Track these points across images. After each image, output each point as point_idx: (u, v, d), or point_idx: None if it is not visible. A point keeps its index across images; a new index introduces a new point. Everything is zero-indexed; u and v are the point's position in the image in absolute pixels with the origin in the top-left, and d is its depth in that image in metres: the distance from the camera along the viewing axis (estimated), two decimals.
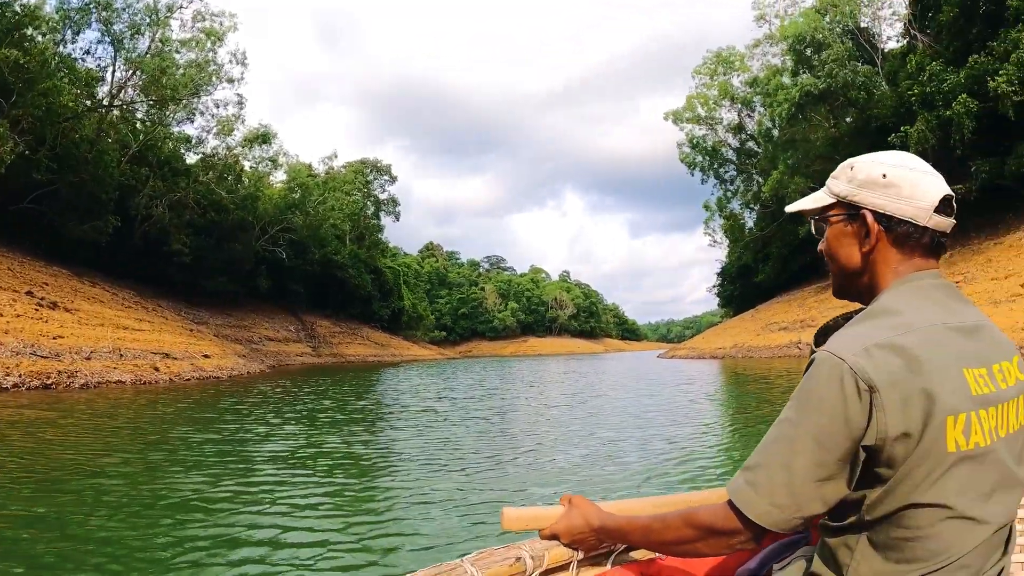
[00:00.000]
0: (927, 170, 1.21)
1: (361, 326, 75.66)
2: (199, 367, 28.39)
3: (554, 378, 29.89)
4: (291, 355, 51.24)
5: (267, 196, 58.34)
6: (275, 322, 57.66)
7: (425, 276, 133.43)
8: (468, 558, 1.40)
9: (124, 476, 7.33)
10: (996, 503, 1.13)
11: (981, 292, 27.20)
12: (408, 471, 7.81)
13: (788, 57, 48.47)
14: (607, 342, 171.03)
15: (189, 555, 4.62)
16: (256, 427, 11.68)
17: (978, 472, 1.10)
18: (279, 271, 59.27)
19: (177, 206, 44.67)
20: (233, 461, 8.31)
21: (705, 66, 61.37)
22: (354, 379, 28.67)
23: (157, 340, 29.25)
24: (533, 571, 1.46)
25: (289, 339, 56.12)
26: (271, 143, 55.06)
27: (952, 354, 1.12)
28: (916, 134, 34.05)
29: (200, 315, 45.72)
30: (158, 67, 40.42)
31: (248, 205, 53.44)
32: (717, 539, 1.21)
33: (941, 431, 1.07)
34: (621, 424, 11.98)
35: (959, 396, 1.09)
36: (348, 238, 75.21)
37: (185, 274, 46.30)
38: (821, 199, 1.31)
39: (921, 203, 1.18)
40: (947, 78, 33.22)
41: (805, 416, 1.11)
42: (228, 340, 43.70)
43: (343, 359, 59.00)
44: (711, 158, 64.07)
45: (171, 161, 46.60)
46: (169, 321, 36.17)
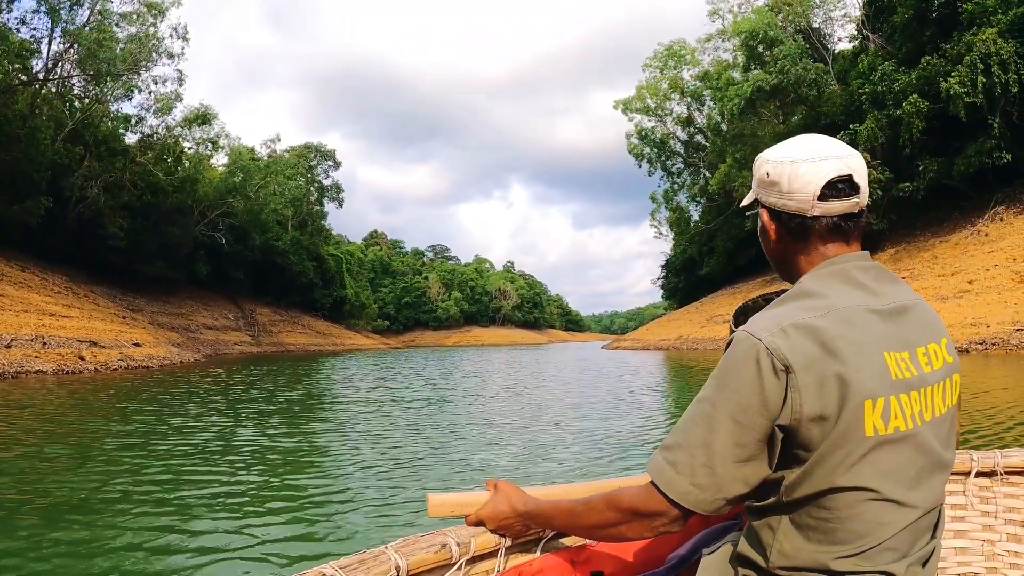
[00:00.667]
0: (812, 157, 1.17)
1: (302, 315, 73.99)
2: (128, 356, 26.97)
3: (496, 368, 29.33)
4: (229, 344, 49.59)
5: (207, 179, 56.45)
6: (214, 310, 55.81)
7: (369, 264, 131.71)
8: (392, 545, 1.36)
9: (10, 474, 6.67)
10: (923, 487, 1.12)
11: (928, 288, 27.66)
12: (332, 462, 7.55)
13: (740, 53, 48.95)
14: (551, 333, 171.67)
15: (54, 561, 4.09)
16: (173, 419, 10.98)
17: (901, 456, 1.10)
18: (218, 257, 57.44)
19: (113, 187, 42.83)
20: (137, 456, 7.69)
21: (656, 59, 61.51)
22: (290, 369, 27.59)
23: (86, 328, 27.70)
24: (459, 558, 1.42)
25: (228, 327, 54.33)
26: (211, 124, 53.05)
27: (872, 337, 1.10)
28: (865, 132, 34.53)
29: (136, 302, 43.92)
30: (95, 40, 38.31)
31: (187, 188, 51.64)
32: (640, 521, 1.20)
33: (858, 415, 1.06)
34: (559, 416, 11.57)
35: (878, 380, 1.08)
36: (290, 224, 73.31)
37: (121, 258, 44.40)
38: (750, 196, 1.32)
39: (801, 195, 1.17)
40: (898, 78, 33.77)
41: (723, 395, 1.10)
42: (164, 328, 42.00)
43: (283, 348, 57.49)
44: (659, 150, 64.37)
45: (108, 141, 44.55)
46: (101, 308, 34.41)
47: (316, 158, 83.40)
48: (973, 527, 2.07)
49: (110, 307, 36.63)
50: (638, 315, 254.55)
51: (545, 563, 1.57)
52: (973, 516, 2.07)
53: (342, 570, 1.23)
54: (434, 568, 1.41)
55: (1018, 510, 2.06)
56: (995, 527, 2.07)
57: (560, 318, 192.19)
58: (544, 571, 1.56)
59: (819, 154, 1.18)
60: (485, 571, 1.52)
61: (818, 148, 1.19)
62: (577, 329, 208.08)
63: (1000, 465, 2.04)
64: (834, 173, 1.16)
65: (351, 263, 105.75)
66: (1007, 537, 2.05)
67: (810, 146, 1.20)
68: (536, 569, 1.55)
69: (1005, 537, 2.05)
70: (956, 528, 2.06)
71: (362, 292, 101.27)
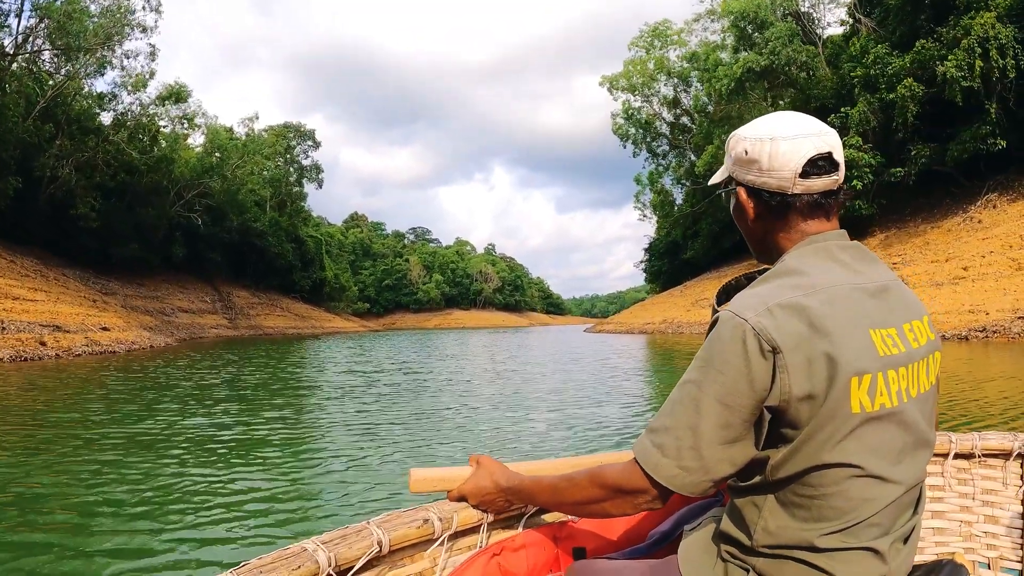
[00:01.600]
0: (791, 134, 1.17)
1: (281, 297, 72.74)
2: (94, 341, 25.88)
3: (476, 352, 28.61)
4: (205, 327, 48.40)
5: (183, 159, 55.01)
6: (190, 292, 54.55)
7: (349, 247, 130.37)
8: (374, 520, 1.37)
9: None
10: (906, 464, 1.13)
11: (921, 274, 27.28)
12: (309, 445, 7.42)
13: (729, 34, 48.23)
14: (532, 316, 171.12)
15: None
16: (127, 406, 10.34)
17: (886, 433, 1.10)
18: (195, 239, 56.18)
19: (85, 167, 41.58)
20: (73, 447, 7.09)
21: (642, 39, 60.59)
22: (265, 353, 26.71)
23: (51, 312, 26.59)
24: (442, 534, 1.45)
25: (204, 310, 53.09)
26: (186, 101, 51.59)
27: (857, 315, 1.11)
28: (857, 115, 34.07)
29: (110, 285, 42.78)
30: (65, 12, 36.79)
31: (163, 168, 50.42)
32: (623, 498, 1.21)
33: (845, 392, 1.06)
34: (541, 400, 11.07)
35: (864, 357, 1.08)
36: (268, 205, 71.92)
37: (94, 240, 43.30)
38: (722, 173, 1.31)
39: (783, 173, 1.17)
40: (892, 62, 33.23)
41: (709, 378, 1.09)
42: (138, 312, 40.86)
43: (261, 331, 56.34)
44: (644, 131, 63.55)
45: (81, 119, 43.08)
46: (70, 291, 33.21)
47: (295, 138, 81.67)
48: (951, 508, 2.11)
49: (81, 290, 35.43)
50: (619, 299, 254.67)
51: (527, 539, 1.58)
52: (951, 497, 2.11)
53: (324, 545, 1.24)
54: (417, 543, 1.42)
55: (995, 492, 2.10)
56: (972, 508, 2.10)
57: (541, 301, 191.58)
58: (526, 547, 1.57)
59: (799, 131, 1.17)
60: (467, 546, 1.53)
61: (797, 125, 1.18)
62: (558, 312, 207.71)
63: (978, 447, 2.07)
64: (815, 150, 1.16)
65: (331, 245, 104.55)
66: (984, 519, 2.09)
67: (789, 123, 1.19)
68: (518, 545, 1.56)
69: (982, 519, 2.09)
70: (934, 509, 2.10)
71: (342, 274, 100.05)
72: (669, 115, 62.30)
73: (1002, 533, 2.10)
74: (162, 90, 49.48)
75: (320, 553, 1.23)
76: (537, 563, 1.59)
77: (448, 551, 1.49)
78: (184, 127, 53.96)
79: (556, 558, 1.63)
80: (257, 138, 70.04)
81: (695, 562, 1.26)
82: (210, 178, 56.38)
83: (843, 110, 35.32)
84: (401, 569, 1.42)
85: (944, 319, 22.39)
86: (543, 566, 1.60)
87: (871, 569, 1.11)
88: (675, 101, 60.94)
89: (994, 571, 2.08)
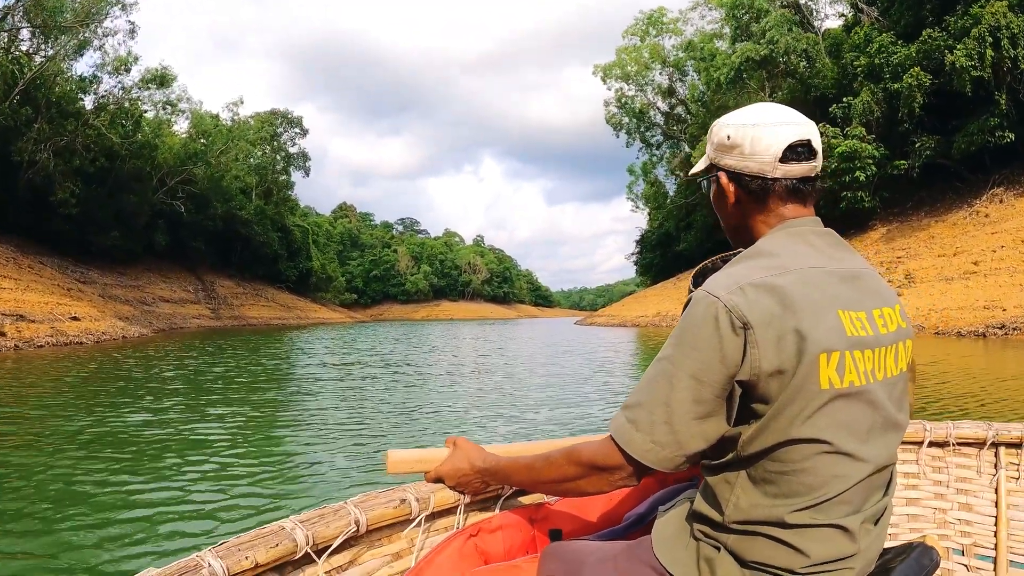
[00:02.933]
0: (772, 121, 1.23)
1: (266, 287, 71.37)
2: (61, 331, 24.57)
3: (465, 344, 27.53)
4: (187, 317, 47.05)
5: (167, 145, 53.55)
6: (172, 282, 53.17)
7: (337, 237, 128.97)
8: (352, 500, 1.40)
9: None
10: (875, 443, 1.16)
11: (928, 268, 26.49)
12: (286, 431, 7.44)
13: (726, 23, 47.30)
14: (520, 308, 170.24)
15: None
16: (77, 401, 9.60)
17: (854, 410, 1.13)
18: (178, 227, 54.80)
19: (64, 152, 40.30)
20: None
21: (637, 26, 59.49)
22: (243, 344, 25.42)
23: (16, 300, 25.33)
24: (419, 514, 1.47)
25: (186, 300, 51.72)
26: (170, 86, 50.09)
27: (827, 296, 1.14)
28: (860, 105, 33.21)
29: (89, 274, 41.56)
30: None
31: (145, 154, 49.25)
32: (599, 475, 1.24)
33: (814, 368, 1.09)
34: (534, 400, 10.23)
35: (833, 336, 1.11)
36: (254, 193, 70.42)
37: (74, 228, 42.18)
38: (703, 161, 1.36)
39: (763, 157, 1.22)
40: (897, 51, 32.30)
41: (683, 354, 1.13)
42: (117, 301, 39.56)
43: (245, 322, 54.99)
44: (638, 121, 62.51)
45: (61, 103, 41.65)
46: (44, 279, 31.90)
47: (282, 125, 79.94)
48: (925, 495, 2.15)
49: (57, 279, 34.12)
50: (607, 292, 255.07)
51: (504, 520, 1.60)
52: (925, 484, 2.15)
53: (302, 524, 1.26)
54: (394, 523, 1.45)
55: (968, 480, 2.15)
56: (946, 496, 2.15)
57: (530, 293, 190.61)
58: (503, 528, 1.59)
59: (779, 120, 1.23)
60: (444, 527, 1.56)
61: (778, 114, 1.24)
62: (547, 305, 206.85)
63: (952, 436, 2.12)
64: (794, 137, 1.21)
65: (319, 235, 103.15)
66: (958, 506, 2.14)
67: (770, 112, 1.24)
68: (495, 526, 1.58)
69: (956, 506, 2.14)
70: (908, 496, 2.14)
71: (329, 265, 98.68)
72: (664, 104, 61.28)
73: (976, 520, 2.15)
74: (145, 74, 47.98)
75: (298, 531, 1.25)
76: (514, 544, 1.61)
77: (425, 532, 1.51)
78: (168, 112, 52.49)
79: (533, 539, 1.64)
80: (242, 124, 68.51)
81: (668, 541, 1.27)
82: (194, 164, 54.96)
83: (845, 100, 34.46)
84: (378, 548, 1.44)
85: (958, 315, 21.57)
86: (519, 547, 1.62)
87: (840, 547, 1.13)
88: (670, 90, 59.87)
89: (968, 557, 2.12)
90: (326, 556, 1.31)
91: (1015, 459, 2.15)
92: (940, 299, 23.33)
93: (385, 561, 1.46)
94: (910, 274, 27.01)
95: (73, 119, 41.76)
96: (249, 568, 1.17)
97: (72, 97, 43.40)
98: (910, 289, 25.83)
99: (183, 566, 1.12)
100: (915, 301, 24.25)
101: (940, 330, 21.05)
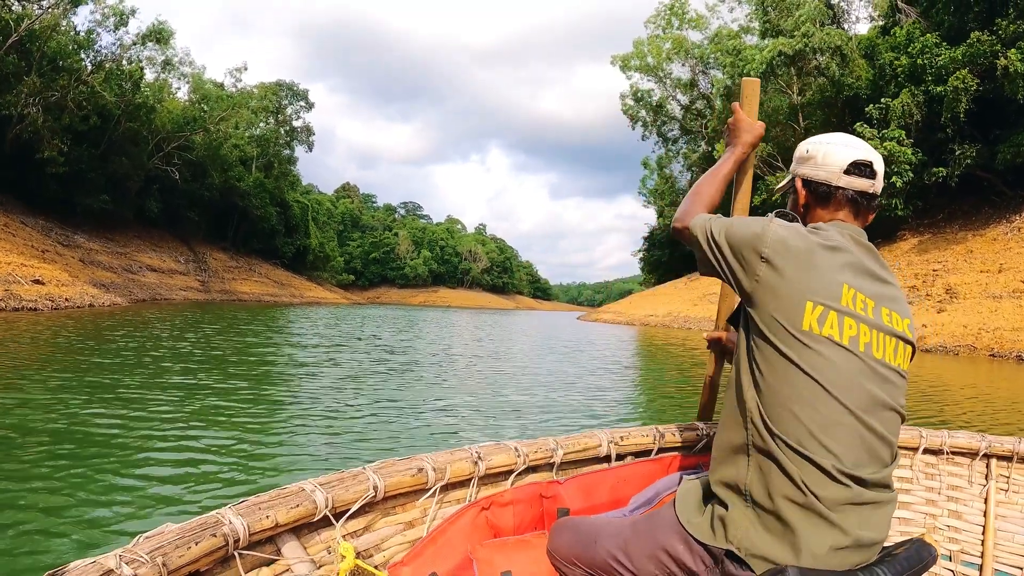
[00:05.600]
0: (843, 143, 1.55)
1: (261, 262, 69.19)
2: (15, 295, 22.26)
3: (463, 337, 25.32)
4: (174, 288, 44.84)
5: (166, 109, 51.26)
6: (162, 251, 51.04)
7: (338, 216, 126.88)
8: (371, 466, 1.45)
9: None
10: (861, 402, 1.34)
11: (972, 283, 24.47)
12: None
13: (754, 16, 45.25)
14: (519, 299, 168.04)
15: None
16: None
17: (835, 360, 1.34)
18: (173, 194, 52.83)
19: (54, 108, 38.40)
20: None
21: (659, 16, 57.23)
22: (220, 320, 23.10)
23: None
24: (435, 484, 1.53)
25: (175, 271, 49.53)
26: (167, 42, 47.80)
27: (840, 270, 1.40)
28: (900, 107, 31.05)
29: (74, 238, 39.60)
30: None
31: (142, 116, 47.16)
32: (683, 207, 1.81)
33: (800, 310, 1.36)
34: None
35: (824, 295, 1.36)
36: (255, 165, 68.18)
37: (62, 188, 40.43)
38: (787, 178, 1.70)
39: (831, 167, 1.54)
40: (941, 52, 30.20)
41: (736, 220, 1.52)
42: (100, 267, 37.49)
43: (234, 297, 52.72)
44: (655, 114, 60.31)
45: (57, 58, 39.59)
46: (17, 239, 29.89)
47: (288, 97, 77.52)
48: (917, 500, 2.24)
49: (34, 239, 32.09)
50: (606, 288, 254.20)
51: (515, 495, 1.68)
52: (918, 490, 2.24)
53: (322, 487, 1.32)
54: (409, 492, 1.51)
55: (960, 488, 2.24)
56: (937, 503, 2.24)
57: (529, 285, 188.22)
58: (514, 503, 1.67)
59: (849, 143, 1.55)
60: (456, 500, 1.62)
61: (849, 139, 1.57)
62: (545, 297, 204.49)
63: (947, 445, 2.22)
64: (859, 156, 1.53)
65: (319, 212, 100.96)
66: (948, 513, 2.23)
67: (843, 136, 1.58)
68: (507, 501, 1.66)
69: (947, 513, 2.23)
70: (901, 499, 2.21)
71: (328, 243, 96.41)
72: (684, 98, 58.98)
73: (964, 528, 2.23)
74: (142, 29, 45.86)
75: (318, 494, 1.30)
76: (524, 520, 1.69)
77: (438, 503, 1.57)
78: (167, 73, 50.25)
79: (541, 516, 1.72)
80: (246, 92, 66.23)
81: (688, 506, 1.47)
82: (192, 131, 52.73)
83: (883, 100, 32.31)
84: (392, 517, 1.50)
85: (1012, 336, 19.57)
86: (529, 523, 1.70)
87: (840, 492, 1.30)
88: (692, 83, 57.58)
89: (955, 563, 2.20)
90: (344, 520, 1.35)
91: (1005, 471, 2.24)
92: (990, 318, 21.35)
93: (398, 529, 1.50)
94: (951, 288, 25.02)
95: (67, 74, 39.61)
96: (269, 528, 1.20)
97: (67, 52, 41.16)
98: (953, 305, 23.85)
99: (203, 522, 1.15)
100: (961, 318, 22.27)
101: (996, 352, 19.05)
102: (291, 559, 1.25)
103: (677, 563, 1.41)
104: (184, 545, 1.10)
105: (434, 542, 1.51)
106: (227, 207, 61.29)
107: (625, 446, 1.95)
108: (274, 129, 73.86)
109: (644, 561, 1.46)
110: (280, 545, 1.26)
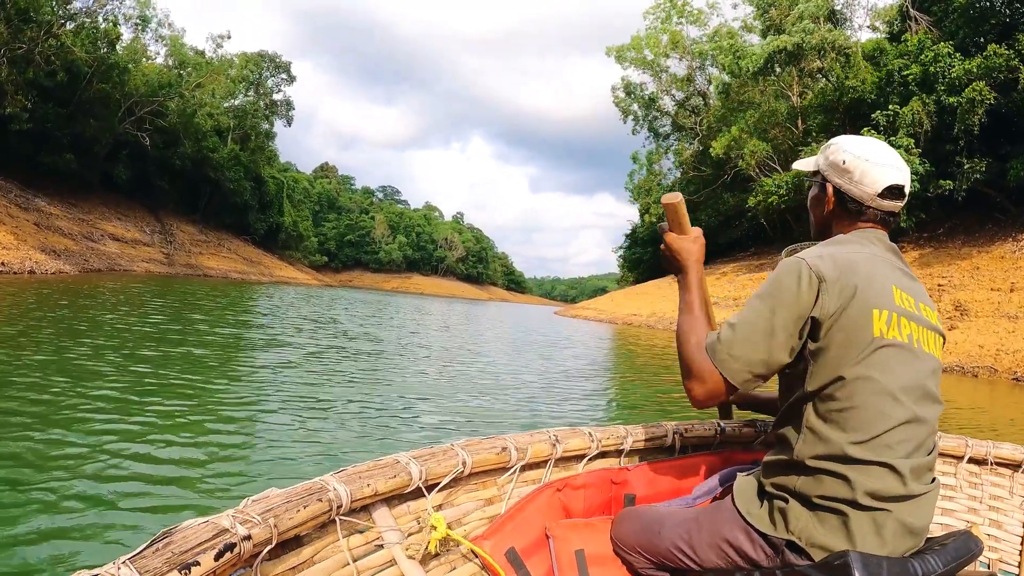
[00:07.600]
0: (881, 162, 1.51)
1: (231, 238, 66.81)
2: None
3: (444, 327, 23.63)
4: (135, 260, 42.63)
5: (141, 72, 48.78)
6: (128, 220, 48.66)
7: (315, 196, 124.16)
8: (458, 444, 1.51)
9: None
10: (914, 394, 1.37)
11: (982, 301, 23.37)
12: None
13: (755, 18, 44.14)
14: (492, 290, 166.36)
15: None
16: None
17: (899, 359, 1.37)
18: (143, 161, 50.47)
19: (20, 60, 36.24)
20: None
21: (658, 7, 55.73)
22: (168, 294, 21.19)
23: None
24: (516, 463, 1.59)
25: (139, 241, 47.15)
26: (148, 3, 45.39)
27: (885, 273, 1.44)
28: (909, 115, 29.89)
29: (35, 201, 37.64)
30: None
31: (115, 77, 44.82)
32: (688, 357, 1.53)
33: (868, 319, 1.37)
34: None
35: (884, 298, 1.40)
36: (230, 137, 65.59)
37: (26, 146, 38.55)
38: (810, 164, 1.67)
39: (867, 189, 1.51)
40: (955, 63, 29.08)
41: (770, 292, 1.43)
42: (57, 233, 35.27)
43: (200, 272, 50.55)
44: (647, 108, 58.87)
45: (28, 11, 37.25)
46: None
47: (269, 68, 74.88)
48: (959, 508, 2.21)
49: None
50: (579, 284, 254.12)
51: (588, 479, 1.73)
52: (960, 498, 2.21)
53: (416, 460, 1.39)
54: (490, 470, 1.57)
55: (1001, 499, 2.22)
56: (979, 511, 2.22)
57: (503, 277, 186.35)
58: (586, 487, 1.73)
59: (887, 161, 1.51)
60: (532, 480, 1.68)
61: (888, 155, 1.53)
62: (519, 290, 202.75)
63: (992, 455, 2.20)
64: (895, 181, 1.51)
65: (295, 191, 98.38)
66: (989, 522, 2.20)
67: (882, 151, 1.53)
68: (580, 484, 1.72)
69: (987, 522, 2.20)
70: (944, 506, 2.19)
71: (302, 223, 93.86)
72: (679, 93, 57.55)
73: (1004, 538, 2.21)
74: None
75: (413, 466, 1.37)
76: (593, 503, 1.74)
77: (514, 482, 1.63)
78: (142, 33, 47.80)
79: (610, 501, 1.77)
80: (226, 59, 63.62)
81: (747, 498, 1.50)
82: (168, 96, 50.26)
83: (891, 108, 31.13)
84: (472, 493, 1.56)
85: None
86: (598, 507, 1.75)
87: (890, 484, 1.33)
88: (688, 79, 56.16)
89: (993, 571, 2.14)
90: (434, 492, 1.42)
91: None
92: (1008, 339, 20.20)
93: (479, 504, 1.56)
94: (960, 305, 23.88)
95: (35, 26, 37.23)
96: (368, 496, 1.27)
97: (39, 4, 38.67)
98: (965, 322, 22.70)
99: (309, 487, 1.21)
100: (975, 337, 21.11)
101: (1020, 376, 17.82)
102: (383, 527, 1.31)
103: (739, 553, 1.45)
104: (293, 508, 1.15)
105: (512, 519, 1.57)
106: (199, 178, 58.85)
107: (689, 438, 1.98)
108: (253, 101, 71.24)
109: (707, 551, 1.50)
110: (372, 513, 1.32)
